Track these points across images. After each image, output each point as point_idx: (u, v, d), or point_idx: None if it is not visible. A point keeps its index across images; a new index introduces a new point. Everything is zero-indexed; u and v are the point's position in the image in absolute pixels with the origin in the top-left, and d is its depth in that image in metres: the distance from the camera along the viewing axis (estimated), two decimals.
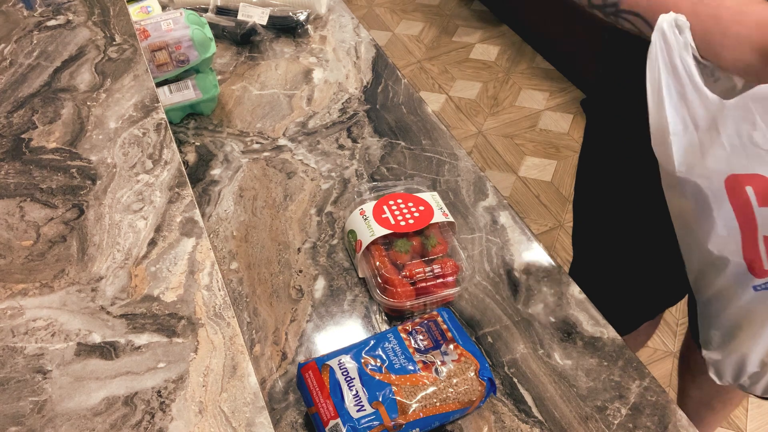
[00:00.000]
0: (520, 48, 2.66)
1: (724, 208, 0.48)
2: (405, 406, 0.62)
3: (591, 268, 0.85)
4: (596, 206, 1.00)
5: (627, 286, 0.92)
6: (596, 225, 1.02)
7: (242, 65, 1.13)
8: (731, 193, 0.48)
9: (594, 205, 1.01)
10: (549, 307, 0.77)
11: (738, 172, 0.47)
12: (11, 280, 0.54)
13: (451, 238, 0.78)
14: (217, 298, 0.53)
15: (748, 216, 0.47)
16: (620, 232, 0.96)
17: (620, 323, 0.77)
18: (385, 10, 2.94)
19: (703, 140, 0.48)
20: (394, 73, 1.10)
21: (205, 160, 0.95)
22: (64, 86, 0.72)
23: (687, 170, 0.50)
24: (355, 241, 0.78)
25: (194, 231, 0.59)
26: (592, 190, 1.00)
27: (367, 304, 0.78)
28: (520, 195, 2.10)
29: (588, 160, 0.99)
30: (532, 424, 0.67)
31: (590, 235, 1.04)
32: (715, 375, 0.64)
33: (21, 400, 0.47)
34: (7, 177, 0.63)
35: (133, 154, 0.65)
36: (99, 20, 0.82)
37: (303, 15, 1.18)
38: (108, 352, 0.50)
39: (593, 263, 0.93)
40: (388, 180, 0.92)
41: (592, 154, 0.97)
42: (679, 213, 0.56)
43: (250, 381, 0.48)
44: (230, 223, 0.86)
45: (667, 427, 0.67)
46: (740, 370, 0.64)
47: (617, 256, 0.98)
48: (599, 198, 0.99)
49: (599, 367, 0.71)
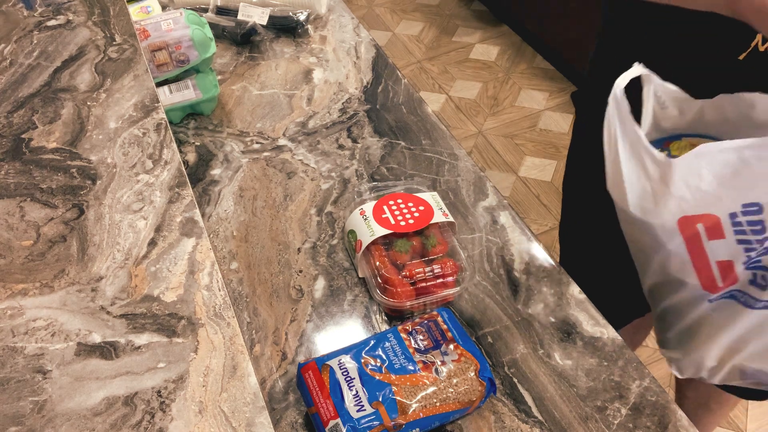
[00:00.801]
0: (520, 48, 2.66)
1: (675, 241, 0.55)
2: (405, 406, 0.62)
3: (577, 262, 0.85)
4: (583, 199, 1.00)
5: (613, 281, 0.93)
6: (583, 219, 1.02)
7: (242, 65, 1.13)
8: (683, 229, 0.55)
9: (581, 198, 1.01)
10: (549, 307, 0.77)
11: (688, 213, 0.54)
12: (11, 280, 0.54)
13: (451, 238, 0.78)
14: (217, 298, 0.53)
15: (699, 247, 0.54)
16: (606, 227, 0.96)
17: (609, 318, 0.77)
18: (385, 10, 2.94)
19: (655, 189, 0.55)
20: (394, 73, 1.10)
21: (205, 160, 0.95)
22: (64, 86, 0.72)
23: (641, 212, 0.56)
24: (355, 241, 0.78)
25: (194, 231, 0.59)
26: (580, 184, 1.00)
27: (367, 304, 0.78)
28: (520, 195, 2.10)
29: (576, 153, 0.99)
30: (532, 424, 0.67)
31: (577, 229, 1.05)
32: (676, 371, 0.71)
33: (21, 400, 0.47)
34: (7, 177, 0.63)
35: (133, 154, 0.65)
36: (99, 20, 0.82)
37: (303, 15, 1.18)
38: (108, 352, 0.50)
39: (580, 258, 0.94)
40: (388, 180, 0.92)
41: (581, 147, 0.97)
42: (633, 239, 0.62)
43: (250, 381, 0.48)
44: (230, 223, 0.86)
45: (667, 427, 0.67)
46: (699, 366, 0.70)
47: (603, 252, 0.98)
48: (586, 191, 0.99)
49: (599, 367, 0.71)
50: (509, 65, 2.58)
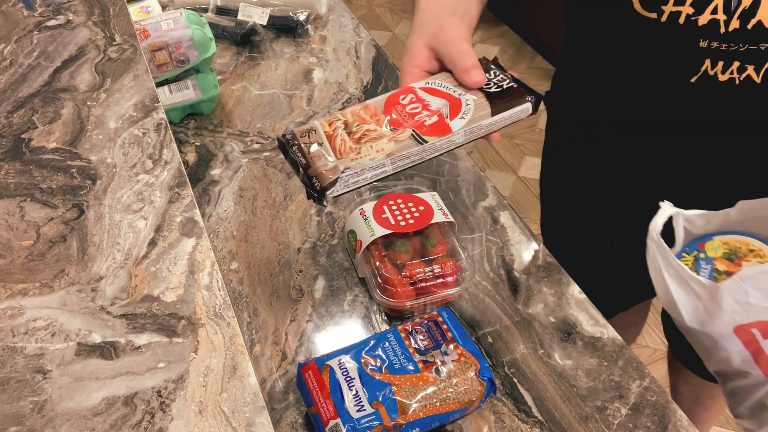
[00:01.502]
0: (520, 48, 2.66)
1: (734, 343, 0.60)
2: (405, 406, 0.62)
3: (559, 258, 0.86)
4: (560, 200, 1.01)
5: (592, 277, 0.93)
6: (561, 218, 1.03)
7: (242, 65, 1.13)
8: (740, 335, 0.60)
9: (558, 199, 1.01)
10: (549, 307, 0.77)
11: (742, 322, 0.59)
12: (11, 280, 0.54)
13: (451, 238, 0.78)
14: (217, 298, 0.53)
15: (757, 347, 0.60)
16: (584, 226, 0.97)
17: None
18: (385, 10, 2.94)
19: (706, 307, 0.60)
20: (394, 73, 1.10)
21: (205, 160, 0.95)
22: (64, 86, 0.72)
23: (699, 325, 0.61)
24: (355, 241, 0.78)
25: (194, 231, 0.59)
26: (556, 186, 1.01)
27: (367, 304, 0.78)
28: (520, 195, 2.10)
29: (550, 154, 0.99)
30: (532, 424, 0.67)
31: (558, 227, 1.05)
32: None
33: (21, 400, 0.47)
34: (7, 177, 0.63)
35: (133, 154, 0.65)
36: (99, 20, 0.82)
37: (303, 15, 1.18)
38: (108, 352, 0.50)
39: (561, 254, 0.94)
40: (388, 180, 0.92)
41: (554, 148, 0.97)
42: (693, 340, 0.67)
43: (250, 381, 0.48)
44: (230, 223, 0.86)
45: (667, 427, 0.67)
46: None
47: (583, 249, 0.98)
48: (563, 193, 0.99)
49: (599, 367, 0.71)
50: (509, 65, 2.58)
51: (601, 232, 0.94)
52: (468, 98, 0.58)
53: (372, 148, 0.55)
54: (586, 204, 0.94)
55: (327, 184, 0.53)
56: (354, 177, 0.54)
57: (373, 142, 0.55)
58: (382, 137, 0.55)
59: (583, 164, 0.90)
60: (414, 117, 0.57)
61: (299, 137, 0.56)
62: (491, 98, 0.59)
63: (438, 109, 0.58)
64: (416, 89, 0.60)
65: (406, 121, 0.57)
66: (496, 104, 0.59)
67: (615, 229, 0.92)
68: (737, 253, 0.65)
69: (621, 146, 0.81)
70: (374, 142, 0.55)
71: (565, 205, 1.01)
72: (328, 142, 0.56)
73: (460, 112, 0.57)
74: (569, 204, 0.99)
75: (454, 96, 0.59)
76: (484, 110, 0.58)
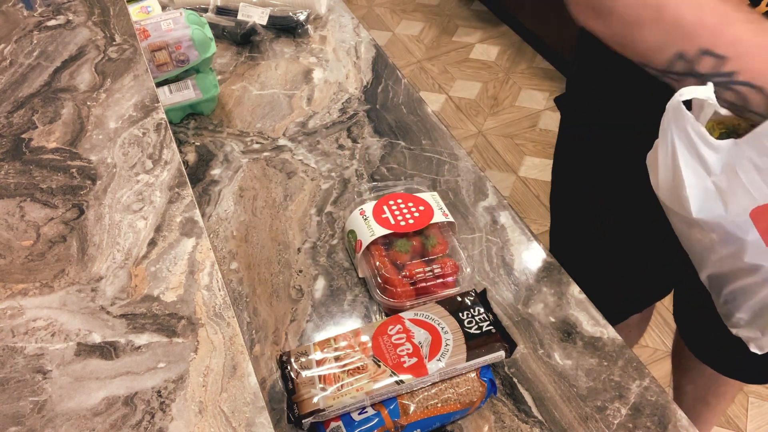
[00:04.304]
0: (520, 48, 2.66)
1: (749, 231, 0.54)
2: (406, 407, 0.62)
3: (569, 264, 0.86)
4: (573, 203, 1.01)
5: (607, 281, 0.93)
6: (573, 222, 1.02)
7: (242, 65, 1.13)
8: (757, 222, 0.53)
9: (570, 202, 1.01)
10: (549, 307, 0.77)
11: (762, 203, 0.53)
12: (11, 280, 0.54)
13: (451, 238, 0.78)
14: (217, 298, 0.53)
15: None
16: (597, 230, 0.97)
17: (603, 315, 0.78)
18: (385, 10, 2.94)
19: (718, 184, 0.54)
20: (394, 73, 1.10)
21: (205, 160, 0.95)
22: (64, 86, 0.72)
23: (706, 214, 0.55)
24: (355, 241, 0.78)
25: (194, 231, 0.59)
26: (568, 188, 1.00)
27: (367, 304, 0.78)
28: (520, 195, 2.10)
29: (563, 157, 0.99)
30: (532, 424, 0.67)
31: (566, 233, 1.05)
32: (756, 348, 0.69)
33: (21, 400, 0.47)
34: (7, 177, 0.63)
35: (133, 154, 0.65)
36: (99, 20, 0.82)
37: (303, 15, 1.18)
38: (108, 352, 0.50)
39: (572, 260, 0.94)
40: (388, 180, 0.92)
41: (567, 151, 0.97)
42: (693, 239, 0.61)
43: (250, 381, 0.48)
44: (230, 223, 0.86)
45: (667, 427, 0.67)
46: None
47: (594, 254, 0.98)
48: (575, 195, 0.99)
49: (599, 367, 0.71)
50: (509, 65, 2.58)
51: (614, 237, 0.94)
52: (449, 338, 0.65)
53: (353, 386, 0.61)
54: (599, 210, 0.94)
55: (305, 413, 0.60)
56: (333, 412, 0.61)
57: (356, 376, 0.62)
58: (365, 370, 0.63)
59: (597, 170, 0.89)
60: (397, 349, 0.64)
61: (293, 359, 0.64)
62: (469, 340, 0.66)
63: (419, 346, 0.64)
64: (404, 320, 0.67)
65: (389, 354, 0.64)
66: (472, 349, 0.65)
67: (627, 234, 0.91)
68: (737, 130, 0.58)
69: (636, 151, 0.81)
70: (357, 377, 0.62)
71: (577, 213, 1.00)
72: (317, 366, 0.63)
73: (438, 353, 0.64)
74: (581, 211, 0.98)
75: (437, 331, 0.66)
76: (460, 354, 0.64)
